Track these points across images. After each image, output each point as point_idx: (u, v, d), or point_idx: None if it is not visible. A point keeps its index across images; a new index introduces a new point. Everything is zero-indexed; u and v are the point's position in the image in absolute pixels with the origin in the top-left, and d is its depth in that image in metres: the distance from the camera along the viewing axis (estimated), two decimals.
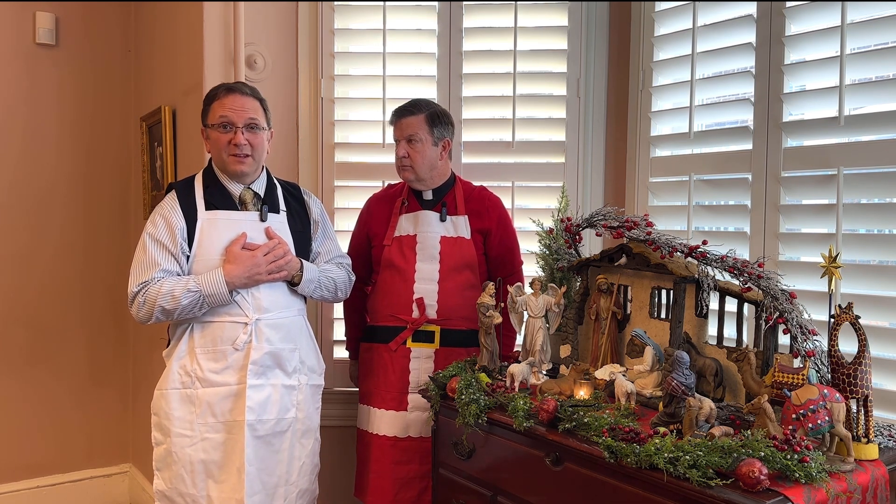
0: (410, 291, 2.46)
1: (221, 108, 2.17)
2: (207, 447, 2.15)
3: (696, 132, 2.47)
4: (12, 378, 3.48)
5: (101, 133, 3.66)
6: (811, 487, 1.43)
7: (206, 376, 2.15)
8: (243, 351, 2.16)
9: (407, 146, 2.45)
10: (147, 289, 2.11)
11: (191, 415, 2.15)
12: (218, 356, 2.16)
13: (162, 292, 2.09)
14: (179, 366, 2.17)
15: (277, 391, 2.20)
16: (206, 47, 2.73)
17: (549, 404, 1.83)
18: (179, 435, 2.15)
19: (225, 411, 2.15)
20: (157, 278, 2.12)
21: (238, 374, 2.16)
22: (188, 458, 2.14)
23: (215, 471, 2.15)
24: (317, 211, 2.39)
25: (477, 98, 2.86)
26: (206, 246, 2.16)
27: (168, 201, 2.21)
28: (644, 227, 2.07)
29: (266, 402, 2.18)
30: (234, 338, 2.15)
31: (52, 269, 3.56)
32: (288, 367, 2.23)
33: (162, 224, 2.16)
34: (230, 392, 2.16)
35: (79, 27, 3.56)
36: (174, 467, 2.15)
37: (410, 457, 2.44)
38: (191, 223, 2.17)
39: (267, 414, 2.18)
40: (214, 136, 2.19)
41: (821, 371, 1.72)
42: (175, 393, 2.16)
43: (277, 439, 2.21)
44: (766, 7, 2.26)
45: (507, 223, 2.57)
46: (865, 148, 2.04)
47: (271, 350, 2.19)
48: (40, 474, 3.58)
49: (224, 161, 2.19)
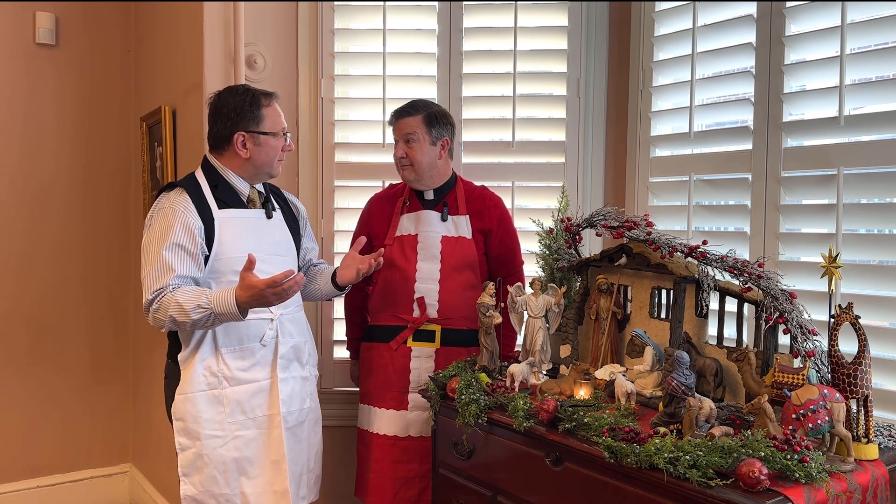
0: (411, 291, 2.46)
1: (277, 116, 2.24)
2: (239, 444, 2.17)
3: (696, 132, 2.47)
4: (13, 378, 3.49)
5: (101, 133, 3.66)
6: (811, 487, 1.43)
7: (235, 375, 2.16)
8: (270, 346, 2.21)
9: (405, 146, 2.45)
10: (162, 297, 2.06)
11: (220, 415, 2.15)
12: (245, 354, 2.18)
13: (174, 303, 2.03)
14: (204, 367, 2.15)
15: (297, 383, 2.29)
16: (206, 47, 2.73)
17: (549, 404, 1.83)
18: (210, 437, 2.14)
19: (255, 407, 2.19)
20: (171, 286, 2.06)
21: (265, 369, 2.20)
22: (220, 459, 2.15)
23: (248, 467, 2.18)
24: (302, 209, 2.48)
25: (477, 98, 2.86)
26: (227, 244, 2.16)
27: (181, 201, 2.13)
28: (644, 227, 2.07)
29: (292, 395, 2.26)
30: (260, 334, 2.18)
31: (52, 268, 3.57)
32: (303, 360, 2.32)
33: (178, 225, 2.10)
34: (260, 388, 2.19)
35: (79, 27, 3.57)
36: (206, 470, 2.15)
37: (411, 456, 2.45)
38: (208, 222, 2.14)
39: (294, 405, 2.26)
40: (273, 144, 2.22)
41: (821, 371, 1.72)
42: (202, 395, 2.15)
43: (300, 429, 2.29)
44: (766, 7, 2.26)
45: (509, 223, 2.57)
46: (865, 148, 2.04)
47: (294, 343, 2.28)
48: (41, 474, 3.58)
49: (273, 166, 2.25)
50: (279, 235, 2.29)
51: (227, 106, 2.19)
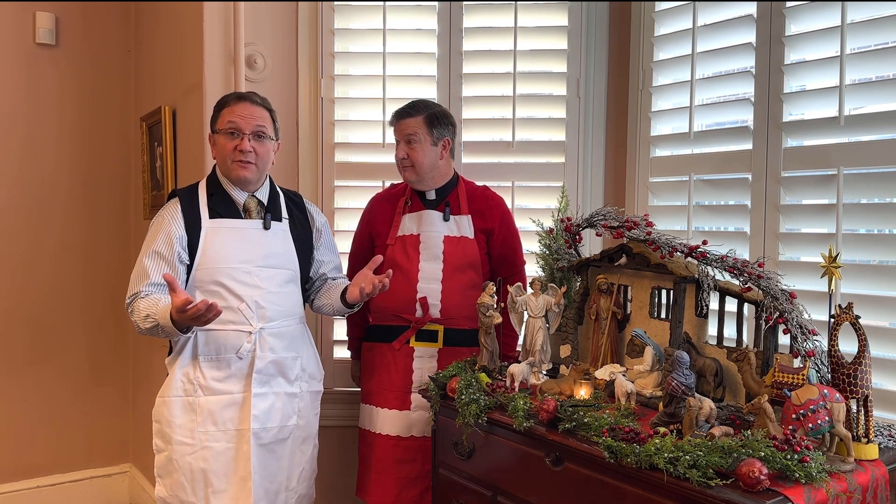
0: (414, 291, 2.46)
1: (231, 114, 2.19)
2: (207, 456, 2.15)
3: (696, 132, 2.47)
4: (13, 378, 3.49)
5: (101, 133, 3.66)
6: (811, 487, 1.43)
7: (209, 384, 2.15)
8: (247, 360, 2.17)
9: (406, 147, 2.45)
10: (136, 302, 2.12)
11: (192, 423, 2.15)
12: (221, 364, 2.16)
13: (138, 310, 2.10)
14: (182, 373, 2.16)
15: (280, 399, 2.23)
16: (206, 47, 2.73)
17: (549, 404, 1.83)
18: (180, 443, 2.15)
19: (226, 420, 2.16)
20: (143, 292, 2.12)
21: (241, 382, 2.17)
22: (189, 467, 2.15)
23: (214, 480, 2.15)
24: (320, 220, 2.43)
25: (477, 98, 2.86)
26: (211, 255, 2.15)
27: (170, 209, 2.19)
28: (644, 227, 2.07)
29: (270, 411, 2.20)
30: (237, 346, 2.16)
31: (53, 268, 3.57)
32: (290, 375, 2.26)
33: (159, 233, 2.15)
34: (233, 401, 2.17)
35: (79, 27, 3.57)
36: (175, 475, 2.15)
37: (413, 456, 2.45)
38: (193, 232, 2.15)
39: (270, 422, 2.20)
40: (221, 142, 2.20)
41: (821, 371, 1.72)
42: (177, 400, 2.16)
43: (279, 446, 2.23)
44: (766, 7, 2.26)
45: (510, 223, 2.57)
46: (865, 148, 2.04)
47: (275, 359, 2.21)
48: (40, 474, 3.58)
49: (228, 167, 2.20)
50: (277, 247, 2.25)
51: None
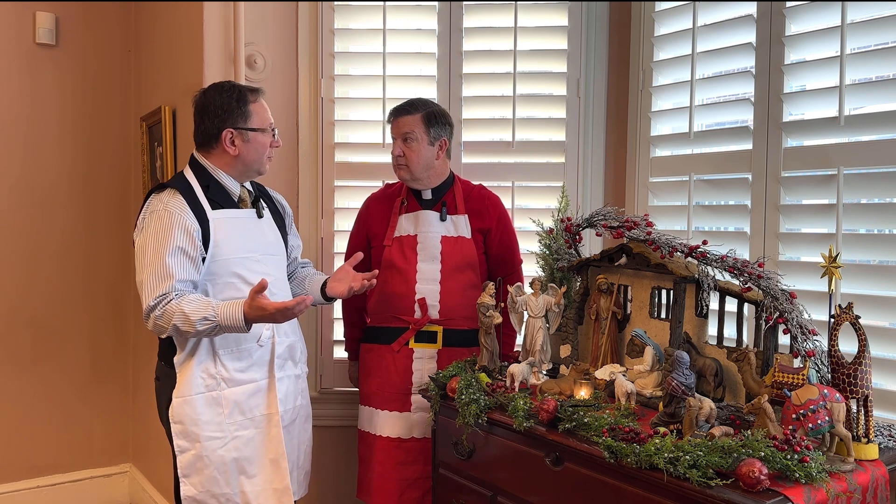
0: (412, 292, 2.46)
1: (264, 111, 2.23)
2: (239, 445, 2.17)
3: (696, 132, 2.47)
4: (14, 378, 3.49)
5: (101, 133, 3.66)
6: (811, 487, 1.43)
7: (233, 376, 2.16)
8: (267, 346, 2.21)
9: (402, 145, 2.45)
10: (166, 304, 2.03)
11: (219, 416, 2.15)
12: (242, 355, 2.18)
13: (179, 312, 2.01)
14: (201, 370, 2.15)
15: (291, 381, 2.30)
16: (206, 47, 2.73)
17: (549, 404, 1.83)
18: (210, 438, 2.14)
19: (253, 407, 2.19)
20: (176, 291, 2.05)
21: (262, 369, 2.21)
22: (220, 459, 2.15)
23: (247, 466, 2.19)
24: (286, 206, 2.47)
25: (477, 98, 2.86)
26: (222, 246, 2.15)
27: (176, 203, 2.11)
28: (644, 227, 2.07)
29: (287, 393, 2.27)
30: (257, 335, 2.19)
31: (54, 268, 3.57)
32: (297, 358, 2.33)
33: (173, 228, 2.08)
34: (258, 388, 2.20)
35: (79, 27, 3.56)
36: (206, 471, 2.15)
37: (416, 457, 2.44)
38: (203, 224, 2.13)
39: (289, 404, 2.28)
40: (261, 139, 2.21)
41: (821, 371, 1.72)
42: (199, 398, 2.14)
43: (292, 427, 2.30)
44: (766, 7, 2.26)
45: (507, 222, 2.57)
46: (865, 148, 2.04)
47: (289, 343, 2.28)
48: (41, 474, 3.58)
49: (262, 162, 2.24)
50: (270, 235, 2.29)
51: (214, 103, 2.18)
